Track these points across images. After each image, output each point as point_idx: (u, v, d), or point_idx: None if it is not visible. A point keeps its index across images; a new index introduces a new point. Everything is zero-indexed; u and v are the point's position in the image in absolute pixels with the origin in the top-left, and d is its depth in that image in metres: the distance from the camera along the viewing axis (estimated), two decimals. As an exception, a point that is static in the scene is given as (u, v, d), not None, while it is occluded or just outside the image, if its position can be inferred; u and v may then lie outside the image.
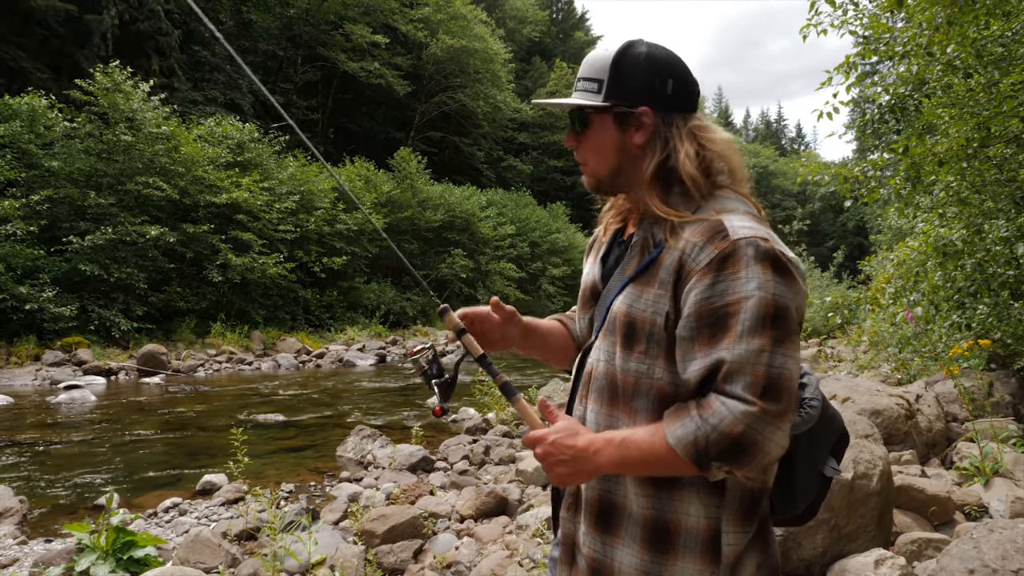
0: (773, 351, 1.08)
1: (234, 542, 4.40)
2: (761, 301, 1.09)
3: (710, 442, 1.07)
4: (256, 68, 31.20)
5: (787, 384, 1.09)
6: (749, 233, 1.14)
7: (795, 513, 1.34)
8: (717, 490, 1.19)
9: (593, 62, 1.32)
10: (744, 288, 1.10)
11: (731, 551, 1.19)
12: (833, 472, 1.34)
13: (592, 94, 1.30)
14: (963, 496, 3.79)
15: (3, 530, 4.71)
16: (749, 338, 1.08)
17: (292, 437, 8.27)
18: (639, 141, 1.29)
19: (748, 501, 1.21)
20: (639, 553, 1.22)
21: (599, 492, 1.29)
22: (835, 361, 11.21)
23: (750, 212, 1.22)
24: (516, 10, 50.25)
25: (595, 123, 1.31)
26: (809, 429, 1.28)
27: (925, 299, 6.42)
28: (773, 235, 1.18)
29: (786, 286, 1.12)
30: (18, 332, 14.53)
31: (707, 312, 1.12)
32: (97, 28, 21.40)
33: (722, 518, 1.19)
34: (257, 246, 19.57)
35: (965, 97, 5.26)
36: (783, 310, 1.10)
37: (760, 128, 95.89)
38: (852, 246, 38.83)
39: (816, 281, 19.47)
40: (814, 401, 1.29)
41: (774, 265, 1.12)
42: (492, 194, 35.37)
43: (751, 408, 1.06)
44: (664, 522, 1.21)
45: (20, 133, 15.79)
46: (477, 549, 4.09)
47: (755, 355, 1.07)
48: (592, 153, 1.34)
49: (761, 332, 1.08)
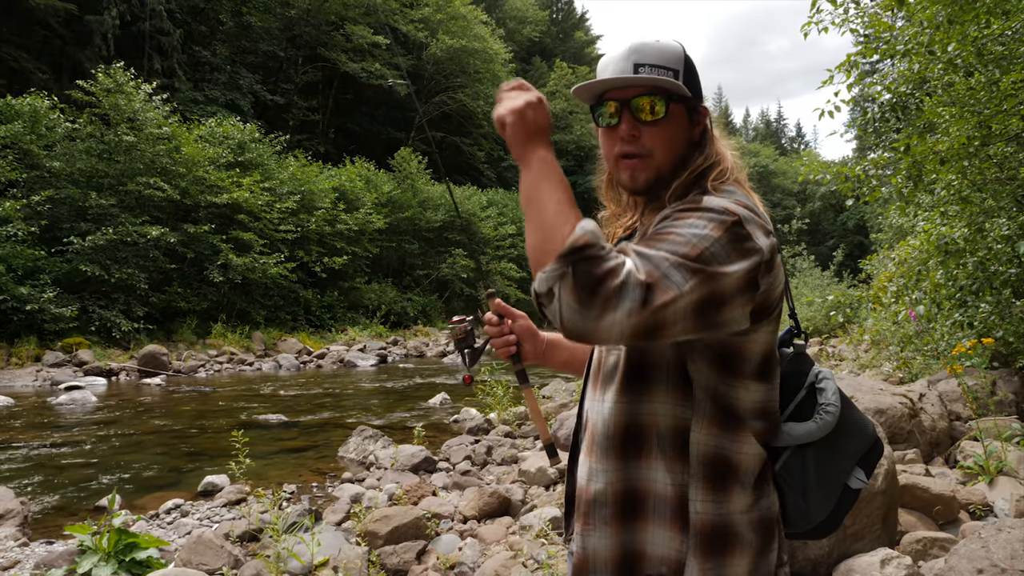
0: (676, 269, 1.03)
1: (236, 543, 4.40)
2: (690, 240, 1.06)
3: (595, 258, 0.99)
4: (257, 69, 31.21)
5: (663, 299, 1.01)
6: (722, 205, 1.14)
7: (810, 525, 1.29)
8: (680, 455, 1.19)
9: (660, 50, 1.28)
10: (685, 229, 1.08)
11: (699, 520, 1.17)
12: (860, 484, 1.28)
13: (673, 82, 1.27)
14: (968, 495, 3.78)
15: (4, 532, 4.70)
16: (667, 252, 1.04)
17: (294, 438, 8.27)
18: (697, 136, 1.33)
19: (712, 469, 1.18)
20: (611, 532, 1.22)
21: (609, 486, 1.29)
22: (836, 360, 11.20)
23: (743, 203, 1.20)
24: (516, 10, 50.23)
25: (675, 112, 1.29)
26: (827, 436, 1.25)
27: (927, 297, 6.41)
28: (751, 218, 1.15)
29: (727, 251, 1.08)
30: (19, 333, 14.53)
31: (650, 234, 1.11)
32: (98, 28, 21.42)
33: (689, 485, 1.18)
34: (258, 246, 19.59)
35: (966, 95, 5.25)
36: (705, 260, 1.05)
37: (760, 127, 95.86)
38: (852, 245, 38.89)
39: (817, 280, 19.46)
40: (830, 407, 1.26)
41: (727, 230, 1.09)
42: (493, 194, 35.38)
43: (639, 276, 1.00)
44: (633, 491, 1.21)
45: (22, 134, 15.81)
46: (480, 550, 4.08)
47: (663, 259, 1.03)
48: (665, 143, 1.28)
49: (674, 255, 1.04)
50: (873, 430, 1.32)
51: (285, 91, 32.03)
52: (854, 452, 1.29)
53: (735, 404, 1.21)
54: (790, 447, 1.26)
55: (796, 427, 1.25)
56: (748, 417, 1.22)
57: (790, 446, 1.25)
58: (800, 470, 1.25)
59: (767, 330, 1.21)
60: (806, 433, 1.24)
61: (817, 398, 1.28)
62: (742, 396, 1.21)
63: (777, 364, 1.27)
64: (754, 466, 1.22)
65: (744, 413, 1.21)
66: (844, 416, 1.28)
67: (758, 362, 1.22)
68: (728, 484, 1.19)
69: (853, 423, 1.29)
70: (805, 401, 1.29)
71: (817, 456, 1.25)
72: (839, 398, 1.28)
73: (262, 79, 30.83)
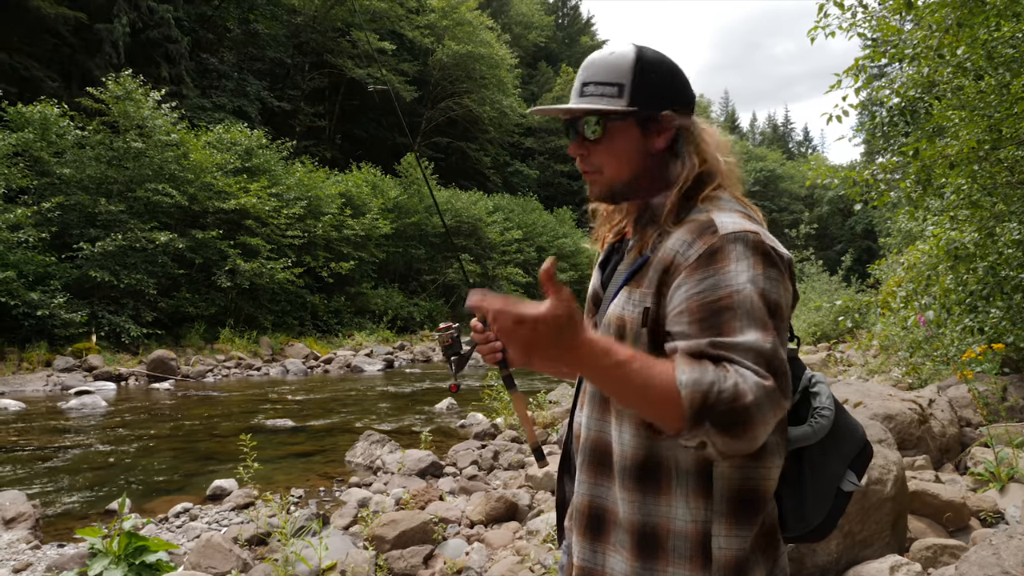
0: (771, 342, 1.06)
1: (245, 547, 4.40)
2: (754, 294, 1.08)
3: (719, 400, 0.99)
4: (264, 75, 31.37)
5: (786, 370, 1.06)
6: (738, 228, 1.13)
7: (807, 528, 1.28)
8: (704, 492, 1.16)
9: (608, 65, 1.27)
10: (735, 281, 1.09)
11: (723, 556, 1.15)
12: (852, 486, 1.28)
13: (611, 98, 1.26)
14: (978, 502, 3.76)
15: (16, 535, 4.73)
16: (748, 330, 1.05)
17: (301, 442, 8.28)
18: (661, 146, 1.28)
19: (738, 503, 1.16)
20: (630, 560, 1.19)
21: (588, 499, 1.27)
22: (845, 365, 11.15)
23: (742, 212, 1.21)
24: (522, 15, 50.36)
25: (616, 129, 1.27)
26: (821, 440, 1.25)
27: (937, 303, 6.38)
28: (764, 231, 1.17)
29: (775, 280, 1.11)
30: (30, 338, 14.62)
31: (698, 307, 1.09)
32: (108, 36, 21.57)
33: (712, 521, 1.15)
34: (265, 251, 19.66)
35: (976, 99, 5.24)
36: (774, 304, 1.09)
37: (767, 132, 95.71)
38: (861, 250, 38.69)
39: (825, 285, 19.38)
40: (825, 411, 1.26)
41: (764, 259, 1.12)
42: (499, 199, 35.41)
43: (765, 382, 1.01)
44: (652, 527, 1.18)
45: (32, 141, 15.91)
46: (487, 555, 4.08)
47: (759, 343, 1.04)
48: (610, 159, 1.29)
49: (756, 323, 1.06)
50: (863, 433, 1.32)
51: (292, 97, 32.17)
52: (846, 455, 1.29)
53: None
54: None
55: (792, 430, 1.24)
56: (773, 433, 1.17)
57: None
58: (796, 474, 1.25)
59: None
60: (801, 436, 1.24)
61: (811, 402, 1.28)
62: None
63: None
64: (776, 482, 1.21)
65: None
66: (836, 420, 1.28)
67: None
68: (755, 512, 1.17)
69: (844, 426, 1.29)
70: (799, 404, 1.28)
71: (812, 460, 1.25)
72: (832, 402, 1.28)
73: (269, 86, 30.99)
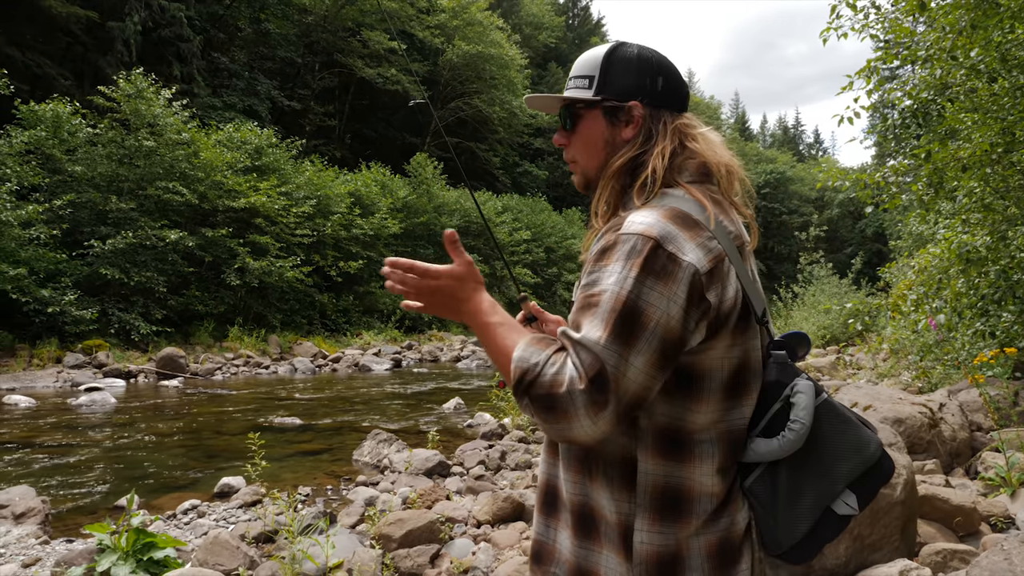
0: (608, 347, 1.04)
1: (252, 544, 4.42)
2: (614, 296, 1.07)
3: (536, 382, 1.06)
4: (274, 75, 31.48)
5: (610, 384, 1.02)
6: (639, 229, 1.11)
7: (779, 550, 1.18)
8: (627, 484, 1.15)
9: (584, 60, 1.34)
10: (607, 280, 1.09)
11: (644, 550, 1.14)
12: (848, 510, 1.17)
13: (583, 90, 1.31)
14: (989, 507, 3.73)
15: (26, 530, 4.76)
16: (593, 329, 1.05)
17: (309, 441, 8.30)
18: (628, 136, 1.29)
19: (660, 501, 1.14)
20: (571, 538, 1.23)
21: (546, 477, 1.32)
22: (854, 369, 11.09)
23: (677, 209, 1.15)
24: (532, 16, 50.36)
25: (586, 118, 1.32)
26: (798, 456, 1.15)
27: (948, 306, 6.34)
28: (676, 233, 1.10)
29: (650, 288, 1.06)
30: (40, 335, 14.73)
31: (580, 300, 1.13)
32: (120, 35, 21.71)
33: (635, 515, 1.15)
34: (274, 250, 19.73)
35: (989, 101, 5.20)
36: (635, 312, 1.05)
37: (777, 134, 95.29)
38: (871, 252, 38.47)
39: (834, 288, 19.29)
40: (796, 424, 1.14)
41: (645, 263, 1.07)
42: (508, 199, 35.42)
43: (579, 383, 1.02)
44: (588, 508, 1.20)
45: (44, 139, 16.04)
46: (494, 554, 4.07)
47: (594, 343, 1.04)
48: (581, 149, 1.34)
49: (603, 325, 1.05)
50: (875, 451, 1.18)
51: (302, 97, 32.29)
52: (841, 475, 1.17)
53: (688, 428, 1.14)
54: (762, 463, 1.18)
55: (760, 444, 1.17)
56: (705, 440, 1.15)
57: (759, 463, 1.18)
58: (769, 490, 1.17)
59: (725, 344, 1.14)
60: (766, 451, 1.16)
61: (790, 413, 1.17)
62: (696, 419, 1.14)
63: (754, 378, 1.19)
64: (714, 488, 1.16)
65: (700, 437, 1.15)
66: (830, 434, 1.17)
67: (724, 378, 1.15)
68: (680, 512, 1.14)
69: (843, 442, 1.18)
70: (780, 415, 1.17)
71: (788, 476, 1.16)
72: (810, 414, 1.15)
73: (279, 85, 31.11)
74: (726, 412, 1.16)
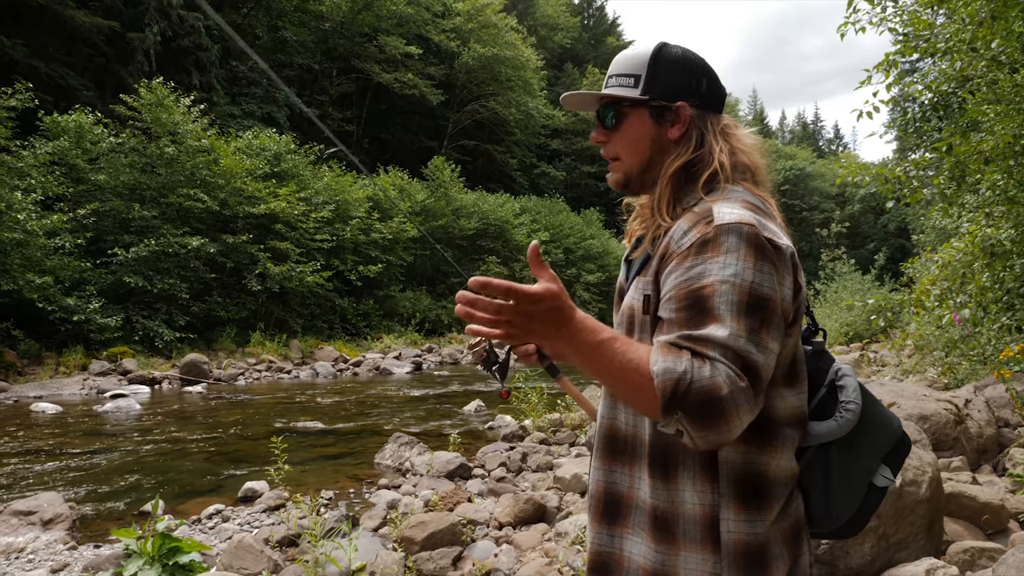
0: (748, 338, 1.04)
1: (276, 548, 4.46)
2: (736, 287, 1.07)
3: (691, 390, 1.00)
4: (292, 82, 31.79)
5: (761, 373, 1.05)
6: (733, 219, 1.12)
7: (836, 524, 1.26)
8: (709, 475, 1.16)
9: (628, 59, 1.33)
10: (721, 272, 1.08)
11: (732, 539, 1.14)
12: (886, 481, 1.26)
13: (628, 88, 1.31)
14: (1017, 504, 3.66)
15: (54, 535, 4.84)
16: (724, 324, 1.04)
17: (331, 444, 8.36)
18: (674, 136, 1.30)
19: (744, 488, 1.16)
20: (648, 542, 1.20)
21: (604, 485, 1.30)
22: (878, 366, 10.94)
23: (750, 202, 1.19)
24: (547, 17, 50.35)
25: (630, 117, 1.32)
26: (848, 435, 1.22)
27: (972, 301, 6.24)
28: (765, 222, 1.15)
29: (767, 274, 1.09)
30: (66, 343, 14.97)
31: (684, 295, 1.09)
32: (140, 45, 22.02)
33: (720, 505, 1.15)
34: (295, 255, 19.90)
35: (1011, 93, 5.12)
36: (762, 299, 1.07)
37: (796, 130, 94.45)
38: (894, 248, 37.96)
39: (857, 284, 19.07)
40: (851, 405, 1.23)
41: (757, 252, 1.10)
42: (526, 201, 35.43)
43: (740, 381, 1.01)
44: (663, 511, 1.19)
45: (68, 149, 16.32)
46: (516, 556, 4.07)
47: (734, 339, 1.04)
48: (626, 146, 1.34)
49: (738, 318, 1.05)
50: (899, 426, 1.30)
51: (320, 103, 32.56)
52: (878, 449, 1.27)
53: (770, 414, 1.17)
54: (812, 446, 1.23)
55: (817, 426, 1.23)
56: (783, 425, 1.19)
57: (811, 445, 1.23)
58: (823, 470, 1.23)
59: (797, 328, 1.19)
60: (827, 432, 1.22)
61: (838, 395, 1.25)
62: (777, 405, 1.18)
63: (803, 365, 1.24)
64: (789, 472, 1.20)
65: (779, 422, 1.19)
66: (867, 413, 1.26)
67: (787, 366, 1.20)
68: (763, 499, 1.17)
69: (877, 420, 1.27)
70: (826, 399, 1.26)
71: (840, 455, 1.23)
72: (860, 395, 1.25)
73: (297, 91, 31.40)
74: (797, 397, 1.22)
